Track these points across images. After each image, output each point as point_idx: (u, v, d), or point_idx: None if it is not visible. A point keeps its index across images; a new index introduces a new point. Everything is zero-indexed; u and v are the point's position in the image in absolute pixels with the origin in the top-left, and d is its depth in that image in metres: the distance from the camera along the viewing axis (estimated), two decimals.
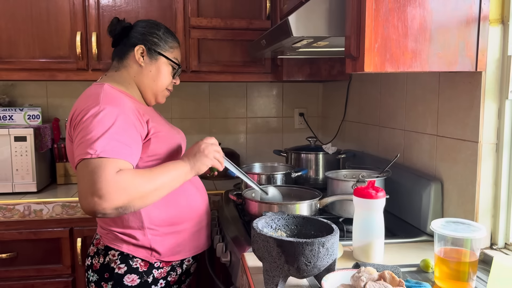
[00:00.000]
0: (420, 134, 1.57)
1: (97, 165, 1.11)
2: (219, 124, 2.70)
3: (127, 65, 1.42)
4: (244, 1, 2.25)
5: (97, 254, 1.39)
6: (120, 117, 1.21)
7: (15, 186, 2.05)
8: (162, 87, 1.46)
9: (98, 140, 1.14)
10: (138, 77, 1.42)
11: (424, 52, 1.14)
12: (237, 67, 2.27)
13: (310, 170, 2.03)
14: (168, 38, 1.46)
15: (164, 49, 1.44)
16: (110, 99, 1.26)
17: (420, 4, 1.12)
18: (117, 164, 1.14)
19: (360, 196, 1.19)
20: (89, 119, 1.19)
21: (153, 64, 1.43)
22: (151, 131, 1.32)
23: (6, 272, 1.96)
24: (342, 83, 2.30)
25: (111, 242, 1.36)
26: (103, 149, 1.13)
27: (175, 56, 1.48)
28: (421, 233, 1.44)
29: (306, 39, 1.35)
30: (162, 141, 1.36)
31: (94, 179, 1.09)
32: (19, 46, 2.10)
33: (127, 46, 1.42)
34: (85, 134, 1.17)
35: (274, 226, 1.14)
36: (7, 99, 2.41)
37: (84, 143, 1.15)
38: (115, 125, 1.19)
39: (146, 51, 1.41)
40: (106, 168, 1.11)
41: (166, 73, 1.45)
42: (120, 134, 1.19)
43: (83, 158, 1.13)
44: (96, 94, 1.27)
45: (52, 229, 1.97)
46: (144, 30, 1.43)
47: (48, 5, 2.10)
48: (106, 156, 1.13)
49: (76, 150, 1.18)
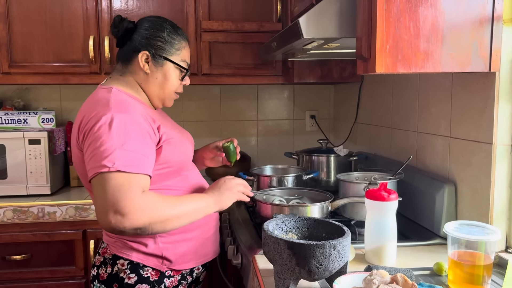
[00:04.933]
0: (433, 136, 1.55)
1: (120, 181, 1.08)
2: (230, 126, 2.70)
3: (132, 71, 1.33)
4: (255, 4, 2.25)
5: (103, 263, 1.32)
6: (134, 125, 1.17)
7: (29, 188, 2.08)
8: (170, 92, 1.37)
9: (115, 151, 1.10)
10: (144, 84, 1.33)
11: (437, 53, 1.13)
12: (248, 69, 2.27)
13: (322, 173, 2.02)
14: (174, 40, 1.35)
15: (170, 53, 1.33)
16: (121, 105, 1.20)
17: (432, 5, 1.11)
18: (139, 180, 1.11)
19: (372, 199, 1.18)
20: (101, 128, 1.13)
21: (159, 70, 1.33)
22: (163, 137, 1.26)
23: (21, 273, 1.99)
24: (354, 84, 2.29)
25: (119, 251, 1.29)
26: (121, 162, 1.09)
27: (183, 57, 1.37)
28: (434, 235, 1.43)
29: (317, 41, 1.34)
30: (174, 148, 1.30)
31: (118, 196, 1.06)
32: (34, 51, 2.13)
33: (131, 50, 1.32)
34: (98, 145, 1.12)
35: (285, 229, 1.14)
36: (22, 103, 2.45)
37: (98, 155, 1.10)
38: (130, 134, 1.14)
39: (150, 57, 1.31)
40: (131, 185, 1.08)
41: (174, 78, 1.36)
42: (136, 144, 1.14)
43: (100, 171, 1.09)
44: (106, 99, 1.21)
45: (66, 231, 1.99)
46: (147, 33, 1.32)
47: (62, 10, 2.13)
48: (126, 171, 1.09)
49: (89, 162, 1.13)
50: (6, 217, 1.95)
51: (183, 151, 1.35)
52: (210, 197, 1.29)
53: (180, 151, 1.33)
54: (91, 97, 1.28)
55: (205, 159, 1.63)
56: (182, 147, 1.35)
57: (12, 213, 1.95)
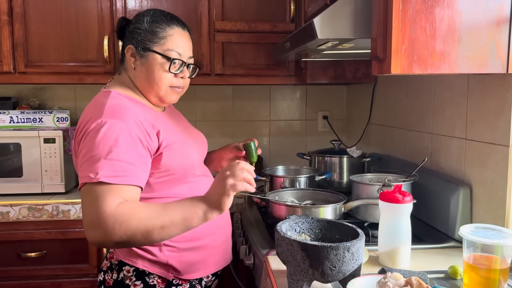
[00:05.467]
0: (448, 138, 1.54)
1: (98, 193, 1.03)
2: (242, 127, 2.70)
3: (126, 68, 1.30)
4: (268, 4, 2.25)
5: (110, 269, 1.27)
6: (123, 132, 1.10)
7: (44, 186, 2.10)
8: (160, 86, 1.25)
9: (100, 161, 1.05)
10: (136, 81, 1.28)
11: (453, 54, 1.11)
12: (261, 70, 2.28)
13: (334, 174, 2.01)
14: (157, 28, 1.24)
15: (154, 43, 1.24)
16: (114, 111, 1.14)
17: (448, 5, 1.10)
18: (121, 192, 1.05)
19: (386, 201, 1.17)
20: (90, 135, 1.09)
21: (144, 63, 1.25)
22: (163, 143, 1.19)
23: (35, 270, 2.01)
24: (367, 85, 2.28)
25: (126, 257, 1.24)
26: (104, 173, 1.04)
27: (171, 45, 1.25)
28: (449, 239, 1.41)
29: (331, 41, 1.34)
30: (175, 154, 1.23)
31: (93, 210, 1.02)
32: (49, 50, 2.16)
33: (123, 48, 1.30)
34: (86, 152, 1.08)
35: (298, 230, 1.13)
36: (37, 102, 2.48)
37: (85, 164, 1.07)
38: (119, 141, 1.08)
39: (135, 51, 1.25)
40: (106, 198, 1.02)
41: (159, 70, 1.24)
42: (124, 153, 1.08)
43: (85, 182, 1.05)
44: (101, 104, 1.16)
45: (80, 229, 2.01)
46: (132, 27, 1.26)
47: (77, 10, 2.15)
48: (108, 182, 1.03)
49: (78, 171, 1.10)
50: (22, 214, 1.97)
51: (186, 157, 1.27)
52: (205, 198, 1.08)
53: (183, 156, 1.26)
54: (92, 101, 1.24)
55: (223, 159, 1.54)
56: (185, 153, 1.27)
57: (28, 211, 1.98)
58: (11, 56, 2.13)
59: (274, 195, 1.56)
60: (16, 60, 2.13)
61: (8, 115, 2.20)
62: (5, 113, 2.20)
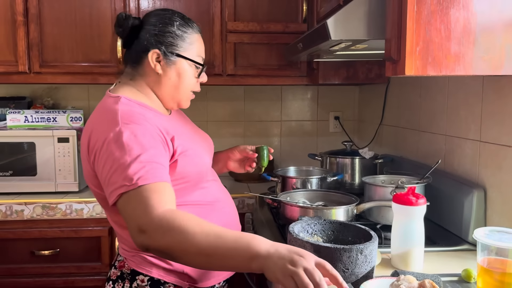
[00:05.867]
0: (462, 140, 1.52)
1: (140, 197, 0.97)
2: (253, 127, 2.71)
3: (143, 74, 1.22)
4: (281, 5, 2.25)
5: (121, 278, 1.21)
6: (145, 134, 1.07)
7: (57, 185, 2.13)
8: (185, 93, 1.26)
9: (131, 166, 1.00)
10: (157, 87, 1.22)
11: (468, 56, 1.10)
12: (273, 70, 2.28)
13: (346, 175, 2.00)
14: (186, 32, 1.22)
15: (183, 48, 1.21)
16: (129, 116, 1.10)
17: (464, 6, 1.09)
18: (162, 190, 1.00)
19: (399, 203, 1.17)
20: (111, 145, 1.04)
21: (172, 69, 1.21)
22: (178, 150, 1.15)
23: (49, 268, 2.04)
24: (380, 86, 2.26)
25: (139, 266, 1.19)
26: (139, 175, 0.99)
27: (197, 51, 1.25)
28: (462, 241, 1.40)
29: (345, 42, 1.33)
30: (190, 160, 1.19)
31: (139, 214, 0.96)
32: (64, 51, 2.18)
33: (139, 50, 1.20)
34: (113, 163, 1.02)
35: (310, 231, 1.13)
36: (51, 102, 2.51)
37: (116, 174, 1.01)
38: (143, 144, 1.04)
39: (162, 55, 1.19)
40: (150, 200, 0.97)
41: (190, 76, 1.24)
42: (151, 154, 1.04)
43: (120, 192, 0.99)
44: (113, 112, 1.10)
45: (92, 228, 2.04)
46: (156, 29, 1.20)
47: (91, 11, 2.17)
48: (146, 183, 0.98)
49: (108, 185, 1.03)
50: (36, 213, 2.00)
51: (200, 163, 1.23)
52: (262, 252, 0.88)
53: (197, 162, 1.22)
54: (99, 107, 1.18)
55: (230, 159, 1.53)
56: (199, 158, 1.23)
57: (41, 209, 2.00)
58: (26, 57, 2.16)
59: (285, 196, 1.56)
60: (31, 60, 2.16)
61: (23, 115, 2.23)
62: (20, 112, 2.23)
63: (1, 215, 1.99)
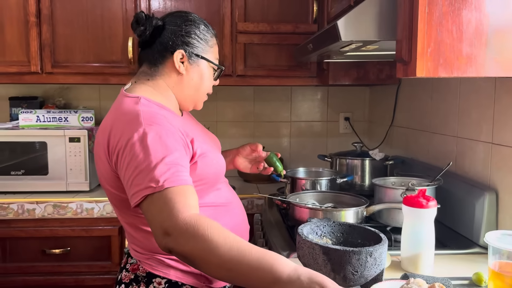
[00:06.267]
0: (474, 141, 1.51)
1: (166, 199, 0.97)
2: (263, 127, 2.71)
3: (163, 73, 1.22)
4: (291, 5, 2.25)
5: (135, 281, 1.18)
6: (168, 136, 1.07)
7: (68, 185, 2.15)
8: (203, 94, 1.29)
9: (157, 168, 0.99)
10: (178, 87, 1.23)
11: (480, 57, 1.09)
12: (283, 71, 2.27)
13: (356, 176, 1.99)
14: (207, 36, 1.26)
15: (205, 51, 1.24)
16: (152, 118, 1.09)
17: (476, 8, 1.08)
18: (186, 193, 1.00)
19: (410, 205, 1.16)
20: (136, 146, 1.03)
21: (195, 70, 1.23)
22: (197, 152, 1.15)
23: (60, 267, 2.06)
24: (390, 87, 2.25)
25: (155, 269, 1.17)
26: (166, 178, 0.98)
27: (216, 54, 1.29)
28: (473, 244, 1.39)
29: (355, 43, 1.33)
30: (209, 162, 1.19)
31: (164, 217, 0.95)
32: (75, 51, 2.20)
33: (162, 50, 1.21)
34: (138, 164, 1.01)
35: (320, 233, 1.13)
36: (63, 102, 2.54)
37: (141, 175, 1.00)
38: (168, 146, 1.05)
39: (186, 56, 1.21)
40: (176, 203, 0.96)
41: (209, 78, 1.27)
42: (176, 156, 1.04)
43: (146, 194, 0.98)
44: (135, 113, 1.10)
45: (103, 227, 2.05)
46: (180, 30, 1.21)
47: (103, 12, 2.19)
48: (172, 185, 0.98)
49: (131, 186, 1.02)
50: (47, 212, 2.02)
51: (217, 164, 1.24)
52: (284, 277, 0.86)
53: (215, 164, 1.23)
54: (117, 107, 1.16)
55: (240, 154, 1.52)
56: (216, 160, 1.24)
57: (53, 208, 2.02)
58: (39, 57, 2.18)
59: (295, 197, 1.56)
60: (43, 60, 2.19)
61: (35, 114, 2.26)
62: (32, 112, 2.26)
63: (13, 213, 2.01)
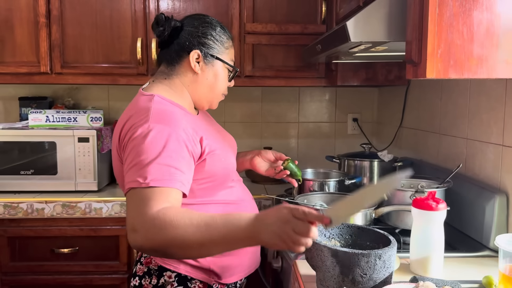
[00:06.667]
0: (484, 144, 1.49)
1: (144, 197, 1.01)
2: (270, 128, 2.70)
3: (180, 73, 1.27)
4: (300, 6, 2.24)
5: (148, 274, 1.25)
6: (171, 137, 1.10)
7: (77, 184, 2.16)
8: (218, 94, 1.33)
9: (150, 165, 1.04)
10: (193, 86, 1.28)
11: (491, 58, 1.08)
12: (291, 72, 2.27)
13: (364, 178, 1.98)
14: (223, 38, 1.30)
15: (221, 52, 1.29)
16: (160, 116, 1.14)
17: (487, 8, 1.06)
18: (168, 195, 1.03)
19: (419, 208, 1.15)
20: (137, 140, 1.08)
21: (210, 70, 1.28)
22: (206, 149, 1.19)
23: (68, 266, 2.07)
24: (399, 87, 2.24)
25: (166, 262, 1.22)
26: (154, 177, 1.03)
27: (231, 56, 1.34)
28: (483, 247, 1.37)
29: (364, 44, 1.32)
30: (218, 160, 1.23)
31: (136, 213, 1.00)
32: (84, 52, 2.21)
33: (179, 50, 1.26)
34: (134, 157, 1.07)
35: (328, 235, 1.12)
36: (72, 102, 2.55)
37: (134, 168, 1.06)
38: (167, 146, 1.08)
39: (202, 56, 1.26)
40: (150, 201, 1.00)
41: (224, 78, 1.32)
42: (173, 158, 1.07)
43: (131, 187, 1.04)
44: (146, 109, 1.15)
45: (111, 227, 2.06)
46: (197, 31, 1.26)
47: (112, 13, 2.20)
48: (157, 185, 1.02)
49: (126, 175, 1.08)
50: (56, 211, 2.03)
51: (227, 162, 1.28)
52: (250, 228, 0.93)
53: (224, 162, 1.27)
54: (133, 104, 1.23)
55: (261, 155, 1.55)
56: (225, 158, 1.28)
57: (61, 208, 2.03)
58: (48, 57, 2.20)
59: (302, 199, 1.56)
60: (53, 61, 2.20)
61: (45, 114, 2.27)
62: (41, 112, 2.27)
63: (23, 213, 2.03)
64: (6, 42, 2.19)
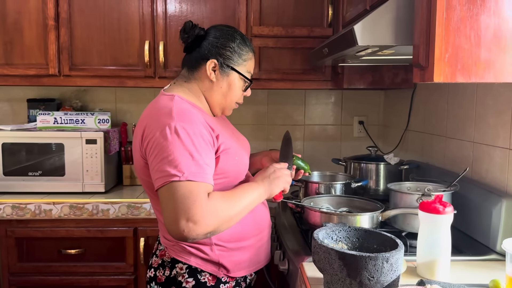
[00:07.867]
0: (491, 147, 1.49)
1: (189, 189, 1.11)
2: (276, 130, 2.71)
3: (198, 78, 1.34)
4: (306, 9, 2.25)
5: (162, 266, 1.34)
6: (197, 134, 1.19)
7: (85, 186, 2.18)
8: (231, 102, 1.39)
9: (183, 161, 1.13)
10: (208, 92, 1.35)
11: (499, 62, 1.08)
12: (297, 74, 2.28)
13: (370, 181, 1.98)
14: (243, 50, 1.36)
15: (237, 63, 1.35)
16: (183, 115, 1.21)
17: (495, 13, 1.07)
18: (206, 188, 1.14)
19: (426, 211, 1.15)
20: (166, 137, 1.16)
21: (225, 79, 1.34)
22: (221, 147, 1.27)
23: (75, 267, 2.09)
24: (406, 91, 2.24)
25: (178, 255, 1.31)
26: (190, 172, 1.13)
27: (249, 68, 1.39)
28: (490, 251, 1.37)
29: (372, 48, 1.33)
30: (231, 158, 1.30)
31: (188, 205, 1.10)
32: (92, 54, 2.23)
33: (199, 57, 1.33)
34: (165, 154, 1.15)
35: (335, 238, 1.13)
36: (80, 104, 2.57)
37: (166, 165, 1.14)
38: (195, 143, 1.17)
39: (218, 66, 1.32)
40: (199, 193, 1.12)
41: (238, 88, 1.37)
42: (201, 154, 1.17)
43: (170, 180, 1.12)
44: (168, 108, 1.22)
45: (118, 228, 2.07)
46: (217, 42, 1.33)
47: (120, 15, 2.22)
48: (196, 180, 1.13)
49: (156, 171, 1.16)
50: (63, 212, 2.05)
51: (239, 161, 1.35)
52: (261, 186, 1.29)
53: (237, 161, 1.33)
54: (154, 104, 1.30)
55: (271, 156, 1.60)
56: (239, 157, 1.35)
57: (69, 209, 2.05)
58: (57, 60, 2.22)
59: (309, 201, 1.56)
60: (61, 63, 2.22)
61: (53, 116, 2.29)
62: (49, 114, 2.29)
63: (30, 214, 2.05)
64: (15, 44, 2.21)
